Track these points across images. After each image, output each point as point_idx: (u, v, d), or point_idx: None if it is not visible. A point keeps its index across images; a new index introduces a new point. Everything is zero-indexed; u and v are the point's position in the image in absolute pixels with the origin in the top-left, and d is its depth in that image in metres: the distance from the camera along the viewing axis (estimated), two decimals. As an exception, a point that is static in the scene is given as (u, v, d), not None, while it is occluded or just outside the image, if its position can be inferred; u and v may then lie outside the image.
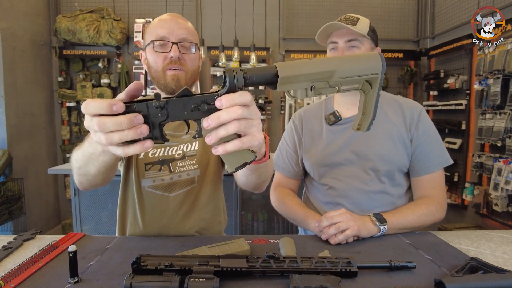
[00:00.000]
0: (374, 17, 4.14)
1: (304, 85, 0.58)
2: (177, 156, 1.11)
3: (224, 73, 0.56)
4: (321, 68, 0.57)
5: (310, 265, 0.73)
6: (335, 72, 0.58)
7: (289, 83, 0.57)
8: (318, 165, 1.22)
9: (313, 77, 0.57)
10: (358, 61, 0.60)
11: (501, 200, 2.78)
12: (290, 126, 1.34)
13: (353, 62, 0.59)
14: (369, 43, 1.18)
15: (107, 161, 0.74)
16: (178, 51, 1.01)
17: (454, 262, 0.84)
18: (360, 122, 0.63)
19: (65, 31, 3.81)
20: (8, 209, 3.12)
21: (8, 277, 0.74)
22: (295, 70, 0.57)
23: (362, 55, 0.62)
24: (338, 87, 0.59)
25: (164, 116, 0.56)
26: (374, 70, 0.59)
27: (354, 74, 0.59)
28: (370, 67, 0.59)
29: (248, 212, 3.02)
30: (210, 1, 4.07)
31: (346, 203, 1.14)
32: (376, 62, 0.59)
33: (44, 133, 3.89)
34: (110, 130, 0.54)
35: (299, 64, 0.57)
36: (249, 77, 0.56)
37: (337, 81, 0.58)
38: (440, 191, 1.16)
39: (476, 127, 3.11)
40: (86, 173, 0.82)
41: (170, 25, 1.02)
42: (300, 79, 0.57)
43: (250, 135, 0.57)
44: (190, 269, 0.70)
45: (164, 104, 0.56)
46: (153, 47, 1.02)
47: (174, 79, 1.02)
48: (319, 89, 0.58)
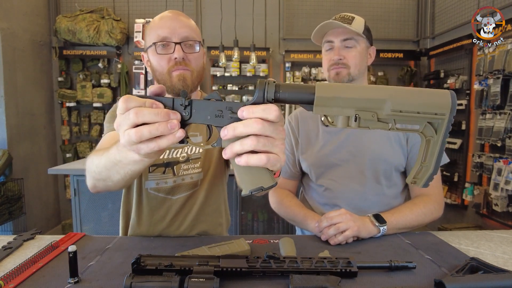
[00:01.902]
0: (374, 17, 4.14)
1: (346, 111, 0.50)
2: (181, 158, 1.09)
3: (256, 84, 0.52)
4: (368, 94, 0.49)
5: (310, 265, 0.73)
6: (386, 102, 0.49)
7: (327, 105, 0.50)
8: (315, 166, 1.22)
9: (357, 104, 0.49)
10: (419, 95, 0.49)
11: (501, 200, 2.78)
12: (286, 127, 1.33)
13: (412, 95, 0.49)
14: (365, 42, 1.18)
15: (135, 170, 0.69)
16: (181, 51, 0.97)
17: (454, 262, 0.84)
18: (416, 175, 0.53)
19: (65, 31, 3.81)
20: (8, 209, 3.12)
21: (8, 277, 0.74)
22: (336, 91, 0.50)
23: (427, 90, 0.50)
24: (392, 125, 0.49)
25: (188, 115, 0.54)
26: (439, 109, 0.48)
27: (411, 109, 0.48)
28: (434, 104, 0.48)
29: (248, 212, 3.02)
30: (210, 1, 4.07)
31: (342, 205, 1.14)
32: (445, 99, 0.48)
33: (44, 133, 3.89)
34: (145, 121, 0.51)
35: (342, 86, 0.51)
36: (281, 92, 0.51)
37: (390, 115, 0.49)
38: (437, 189, 1.16)
39: (476, 127, 3.11)
40: (106, 178, 0.77)
41: (171, 24, 0.98)
42: (340, 103, 0.50)
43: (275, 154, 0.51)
44: (190, 269, 0.70)
45: (189, 102, 0.54)
46: (156, 49, 0.98)
47: (180, 79, 0.98)
48: (365, 120, 0.49)
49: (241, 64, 4.04)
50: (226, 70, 4.06)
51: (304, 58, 4.09)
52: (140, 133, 0.52)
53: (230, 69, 4.04)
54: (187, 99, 0.54)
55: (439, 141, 0.50)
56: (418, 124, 0.50)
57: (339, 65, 1.15)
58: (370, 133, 1.17)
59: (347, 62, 1.15)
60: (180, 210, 1.10)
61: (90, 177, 0.85)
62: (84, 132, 4.09)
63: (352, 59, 1.15)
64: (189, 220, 1.10)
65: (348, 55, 1.15)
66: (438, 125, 0.49)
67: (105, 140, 0.98)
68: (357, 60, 1.15)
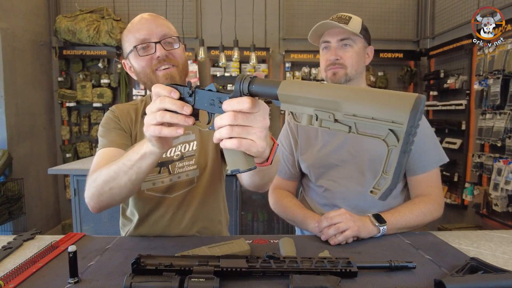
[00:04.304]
0: (374, 17, 4.14)
1: (307, 110, 0.49)
2: (175, 157, 1.10)
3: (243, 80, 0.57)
4: (324, 95, 0.47)
5: (310, 265, 0.73)
6: (340, 103, 0.45)
7: (290, 103, 0.51)
8: (314, 167, 1.22)
9: (315, 103, 0.48)
10: (377, 98, 0.44)
11: (501, 200, 2.78)
12: (285, 128, 1.33)
13: (367, 99, 0.44)
14: (362, 42, 1.17)
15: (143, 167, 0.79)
16: (163, 49, 0.97)
17: (454, 262, 0.84)
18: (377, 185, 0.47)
19: (65, 31, 3.81)
20: (8, 209, 3.12)
21: (8, 277, 0.74)
22: (295, 89, 0.50)
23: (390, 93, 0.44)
24: (351, 127, 0.46)
25: (192, 102, 0.65)
26: (396, 117, 0.42)
27: (365, 113, 0.44)
28: (391, 113, 0.42)
29: (248, 212, 3.02)
30: (210, 1, 4.07)
31: (342, 205, 1.14)
32: (402, 109, 0.41)
33: (44, 133, 3.89)
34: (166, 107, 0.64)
35: (303, 84, 0.50)
36: (254, 86, 0.55)
37: (348, 119, 0.46)
38: (437, 189, 1.16)
39: (476, 127, 3.11)
40: (112, 186, 0.84)
41: (147, 25, 0.98)
42: (300, 102, 0.49)
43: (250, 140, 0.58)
44: (190, 269, 0.70)
45: (194, 91, 0.65)
46: (137, 52, 0.98)
47: (167, 77, 0.98)
48: (323, 120, 0.47)
49: (241, 64, 4.04)
50: (226, 70, 4.06)
51: (304, 58, 4.09)
52: (163, 115, 0.64)
53: (230, 69, 4.04)
54: (191, 88, 0.65)
55: (398, 151, 0.43)
56: (381, 131, 0.44)
57: (336, 65, 1.15)
58: (369, 133, 1.17)
59: (344, 62, 1.15)
60: (179, 208, 1.10)
61: (94, 194, 0.88)
62: (84, 132, 4.09)
63: (349, 59, 1.15)
64: (188, 217, 1.11)
65: (345, 55, 1.15)
66: (399, 135, 0.43)
67: (100, 158, 0.99)
68: (354, 60, 1.15)
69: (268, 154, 0.66)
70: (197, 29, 4.14)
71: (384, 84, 4.20)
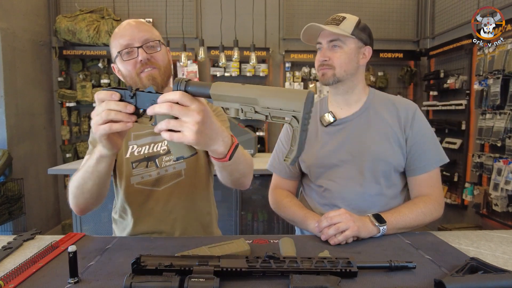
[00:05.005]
0: (374, 17, 4.15)
1: (234, 105, 0.64)
2: (162, 151, 1.16)
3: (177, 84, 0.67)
4: (245, 94, 0.62)
5: (310, 265, 0.73)
6: (257, 100, 0.61)
7: (220, 100, 0.64)
8: (314, 167, 1.22)
9: (239, 100, 0.63)
10: (282, 94, 0.61)
11: (501, 200, 2.78)
12: (285, 128, 1.34)
13: (275, 95, 0.61)
14: (355, 43, 1.16)
15: (101, 171, 0.89)
16: (145, 53, 1.04)
17: (454, 262, 0.84)
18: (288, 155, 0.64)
19: (65, 31, 3.81)
20: (8, 209, 3.12)
21: (8, 277, 0.74)
22: (224, 90, 0.64)
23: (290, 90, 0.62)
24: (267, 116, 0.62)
25: (134, 102, 0.74)
26: (295, 108, 0.59)
27: (275, 106, 0.60)
28: (292, 105, 0.59)
29: (248, 212, 3.02)
30: (210, 1, 4.07)
31: (342, 205, 1.14)
32: (299, 101, 0.58)
33: (44, 133, 3.89)
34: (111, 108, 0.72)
35: (230, 86, 0.64)
36: (189, 88, 0.67)
37: (264, 110, 0.61)
38: (437, 189, 1.16)
39: (476, 127, 3.11)
40: (83, 190, 0.95)
41: (130, 31, 1.05)
42: (227, 99, 0.64)
43: (181, 133, 0.66)
44: (190, 269, 0.70)
45: (134, 94, 0.74)
46: (121, 57, 1.05)
47: (150, 79, 1.04)
48: (247, 112, 0.63)
49: (241, 64, 4.05)
50: (226, 70, 4.06)
51: (304, 58, 4.09)
52: (108, 114, 0.72)
53: (230, 69, 4.04)
54: (132, 91, 0.74)
55: (298, 131, 0.60)
56: (287, 117, 0.60)
57: (325, 66, 1.17)
58: (369, 134, 1.17)
59: (332, 63, 1.15)
60: (168, 200, 1.15)
61: (74, 198, 1.00)
62: (84, 132, 4.09)
63: (337, 59, 1.15)
64: (178, 209, 1.15)
65: (334, 56, 1.15)
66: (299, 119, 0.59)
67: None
68: (342, 61, 1.15)
69: (222, 150, 0.75)
70: (197, 29, 4.14)
71: (384, 84, 4.20)
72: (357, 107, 1.22)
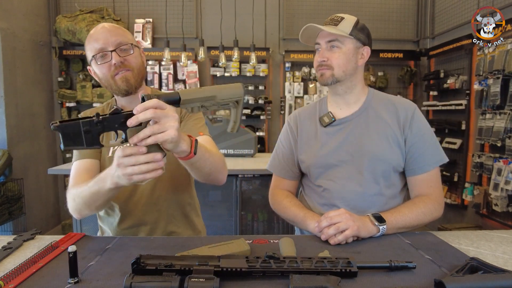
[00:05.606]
0: (374, 17, 4.15)
1: (197, 104, 0.85)
2: None
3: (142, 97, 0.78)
4: (207, 94, 0.85)
5: (310, 265, 0.73)
6: (216, 96, 0.86)
7: (187, 103, 0.83)
8: (313, 167, 1.22)
9: (203, 99, 0.85)
10: (230, 90, 0.88)
11: (501, 200, 2.78)
12: (285, 128, 1.34)
13: (227, 90, 0.87)
14: (353, 43, 1.16)
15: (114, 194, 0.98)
16: (118, 56, 1.07)
17: (454, 262, 0.84)
18: (234, 126, 0.91)
19: (65, 31, 3.81)
20: (8, 209, 3.12)
21: (8, 277, 0.74)
22: (192, 95, 0.84)
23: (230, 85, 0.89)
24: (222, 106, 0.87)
25: (101, 128, 0.78)
26: (238, 96, 0.88)
27: (227, 97, 0.87)
28: (235, 93, 0.88)
29: (248, 213, 3.02)
30: (210, 1, 4.07)
31: (341, 205, 1.14)
32: (240, 91, 0.89)
33: (44, 133, 3.89)
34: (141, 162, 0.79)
35: (195, 90, 0.84)
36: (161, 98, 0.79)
37: (219, 102, 0.87)
38: (436, 189, 1.16)
39: (476, 127, 3.11)
40: (90, 207, 1.02)
41: (104, 35, 1.08)
42: (194, 101, 0.84)
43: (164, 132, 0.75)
44: (190, 269, 0.70)
45: (99, 121, 0.77)
46: (96, 60, 1.09)
47: (123, 81, 1.09)
48: (207, 106, 0.86)
49: (241, 64, 4.05)
50: (226, 70, 4.06)
51: (304, 58, 4.09)
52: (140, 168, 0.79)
53: (230, 69, 4.04)
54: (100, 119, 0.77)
55: (239, 111, 0.90)
56: (232, 103, 0.88)
57: (323, 66, 1.17)
58: (368, 134, 1.17)
59: (330, 64, 1.16)
60: (151, 194, 1.19)
61: (74, 208, 1.05)
62: (84, 132, 4.08)
63: (335, 60, 1.15)
64: (161, 201, 1.20)
65: (332, 57, 1.16)
66: (239, 101, 0.89)
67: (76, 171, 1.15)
68: (340, 61, 1.15)
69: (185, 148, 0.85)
70: (197, 29, 4.14)
71: (384, 84, 4.20)
72: (356, 107, 1.22)
